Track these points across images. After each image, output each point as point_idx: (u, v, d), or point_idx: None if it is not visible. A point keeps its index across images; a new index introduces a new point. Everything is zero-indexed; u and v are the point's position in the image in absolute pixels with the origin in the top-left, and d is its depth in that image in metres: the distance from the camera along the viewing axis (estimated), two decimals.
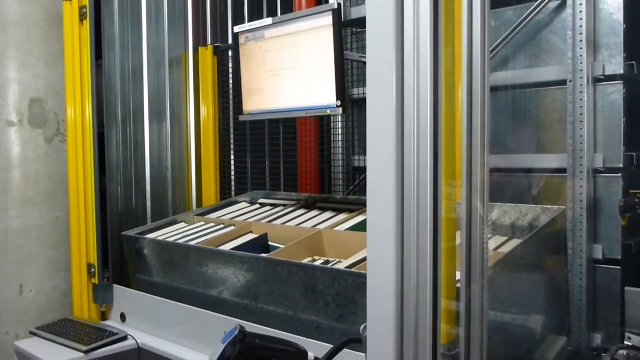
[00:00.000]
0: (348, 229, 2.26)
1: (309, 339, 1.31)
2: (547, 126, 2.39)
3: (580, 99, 2.21)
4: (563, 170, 2.24)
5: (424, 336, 0.95)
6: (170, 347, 2.19)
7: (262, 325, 1.85)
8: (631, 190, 2.06)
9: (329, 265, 1.98)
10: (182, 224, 2.78)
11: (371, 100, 1.01)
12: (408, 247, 0.96)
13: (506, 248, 2.02)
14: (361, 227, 2.25)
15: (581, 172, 2.18)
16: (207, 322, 2.08)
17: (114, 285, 2.65)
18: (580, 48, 2.21)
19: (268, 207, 2.86)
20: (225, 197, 3.31)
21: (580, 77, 2.20)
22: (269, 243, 2.34)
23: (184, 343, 2.15)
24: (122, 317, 2.55)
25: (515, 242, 2.08)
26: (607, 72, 2.23)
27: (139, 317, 2.47)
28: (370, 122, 1.00)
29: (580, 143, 2.20)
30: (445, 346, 1.12)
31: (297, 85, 2.36)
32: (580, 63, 2.21)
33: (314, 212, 2.60)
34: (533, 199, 2.32)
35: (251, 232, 2.49)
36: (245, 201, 3.02)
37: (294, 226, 2.40)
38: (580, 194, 2.18)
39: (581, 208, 2.18)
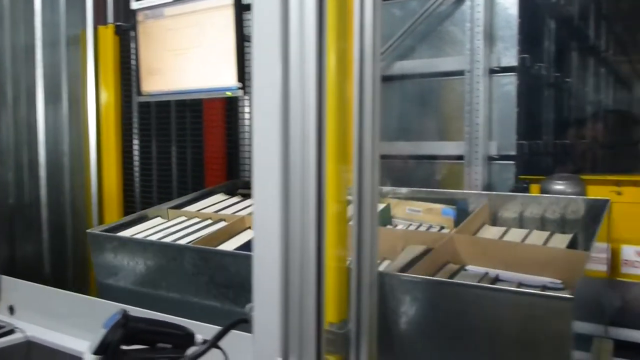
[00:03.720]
0: None
1: (200, 323, 1.28)
2: (447, 115, 2.47)
3: (477, 89, 2.30)
4: (461, 158, 2.33)
5: (308, 315, 0.95)
6: (62, 338, 2.07)
7: (170, 313, 1.74)
8: (520, 176, 2.17)
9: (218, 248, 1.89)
10: (159, 220, 2.32)
11: (257, 83, 0.99)
12: (294, 228, 0.95)
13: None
14: None
15: (477, 159, 2.27)
16: (98, 311, 1.99)
17: (2, 276, 2.48)
18: (478, 40, 2.30)
19: (249, 200, 2.45)
20: (129, 184, 3.19)
21: (478, 68, 2.29)
22: None
23: (77, 334, 2.04)
24: (11, 309, 2.39)
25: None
26: (503, 64, 2.33)
27: (30, 309, 2.32)
28: (257, 106, 0.98)
29: (477, 131, 2.29)
30: (337, 324, 1.13)
31: (198, 66, 2.30)
32: (478, 54, 2.29)
33: None
34: (434, 184, 2.39)
35: (249, 228, 2.08)
36: (223, 192, 2.61)
37: None
38: (476, 179, 2.27)
39: None
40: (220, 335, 1.03)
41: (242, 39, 2.18)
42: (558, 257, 1.38)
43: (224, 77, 2.20)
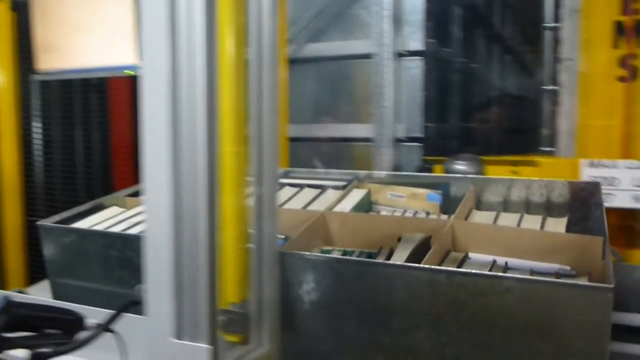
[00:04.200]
0: None
1: (94, 308, 1.21)
2: (357, 98, 2.50)
3: (385, 73, 2.34)
4: (371, 140, 2.37)
5: (201, 296, 0.94)
6: None
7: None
8: (425, 157, 2.24)
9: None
10: (115, 209, 1.95)
11: (145, 61, 0.96)
12: (185, 210, 0.93)
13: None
14: None
15: (385, 141, 2.32)
16: None
17: None
18: (386, 24, 2.33)
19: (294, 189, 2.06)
20: (32, 167, 3.01)
21: (385, 52, 2.33)
22: None
23: None
24: None
25: None
26: (410, 48, 2.38)
27: None
28: (145, 86, 0.95)
29: (385, 114, 2.33)
30: (238, 304, 1.12)
31: (97, 43, 2.19)
32: (386, 38, 2.33)
33: None
34: (347, 166, 2.42)
35: None
36: None
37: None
38: (385, 161, 2.32)
39: None
40: (111, 319, 0.99)
41: None
42: (570, 243, 1.29)
43: (124, 55, 2.11)
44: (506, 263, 1.26)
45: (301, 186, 1.77)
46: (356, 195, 1.70)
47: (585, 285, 1.10)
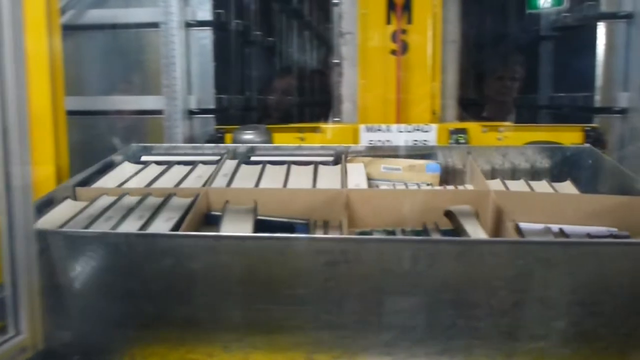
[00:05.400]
0: None
1: None
2: (146, 69, 2.40)
3: (173, 43, 2.27)
4: (160, 112, 2.30)
5: None
6: None
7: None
8: (216, 126, 2.24)
9: None
10: (69, 202, 1.40)
11: None
12: None
13: None
14: None
15: (176, 113, 2.27)
16: None
17: None
18: None
19: (160, 167, 1.60)
20: None
21: (172, 21, 2.26)
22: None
23: None
24: None
25: None
26: (198, 18, 2.34)
27: None
28: None
29: (175, 85, 2.28)
30: None
31: None
32: (172, 7, 2.26)
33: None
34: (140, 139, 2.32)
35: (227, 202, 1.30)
36: (128, 161, 1.69)
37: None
38: (177, 134, 2.27)
39: None
40: None
41: None
42: (613, 205, 1.25)
43: None
44: (561, 229, 1.19)
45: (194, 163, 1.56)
46: (358, 170, 1.52)
47: None
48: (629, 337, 1.00)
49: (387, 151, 1.69)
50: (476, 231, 1.13)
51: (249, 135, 1.93)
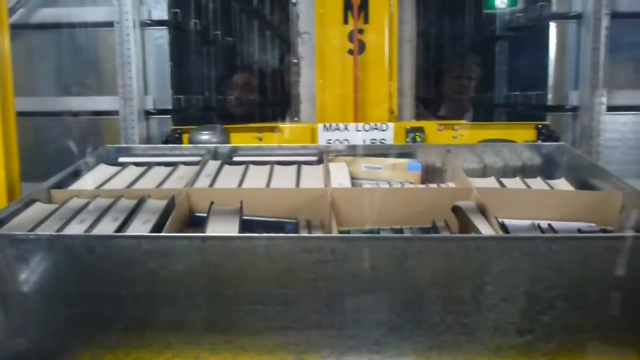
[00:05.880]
0: None
1: None
2: (100, 69, 2.36)
3: (130, 42, 2.24)
4: (116, 113, 2.27)
5: None
6: None
7: None
8: (172, 127, 2.22)
9: None
10: (40, 205, 1.32)
11: None
12: None
13: None
14: None
15: (132, 113, 2.24)
16: None
17: None
18: None
19: (139, 168, 1.55)
20: None
21: (127, 20, 2.23)
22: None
23: None
24: None
25: None
26: (154, 17, 2.32)
27: None
28: None
29: (130, 85, 2.24)
30: None
31: None
32: (126, 5, 2.23)
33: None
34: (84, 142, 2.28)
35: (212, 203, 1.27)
36: (105, 163, 1.62)
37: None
38: (133, 135, 2.24)
39: None
40: None
41: None
42: (592, 201, 1.27)
43: None
44: (549, 225, 1.19)
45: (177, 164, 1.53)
46: (341, 170, 1.52)
47: None
48: (613, 330, 1.01)
49: (376, 150, 1.68)
50: (483, 227, 1.13)
51: (205, 136, 1.92)
